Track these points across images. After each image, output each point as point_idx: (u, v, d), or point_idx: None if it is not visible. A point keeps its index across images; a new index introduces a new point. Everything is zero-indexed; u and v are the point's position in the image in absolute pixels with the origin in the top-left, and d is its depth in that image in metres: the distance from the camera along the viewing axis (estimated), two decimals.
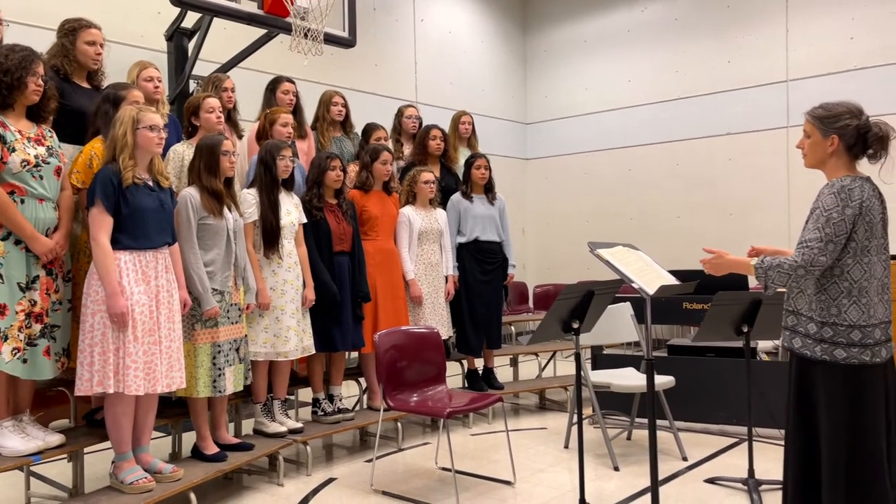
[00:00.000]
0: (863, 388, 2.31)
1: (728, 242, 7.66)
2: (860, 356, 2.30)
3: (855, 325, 2.31)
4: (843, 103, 2.42)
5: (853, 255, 2.33)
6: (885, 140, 2.37)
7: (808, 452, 2.41)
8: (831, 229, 2.30)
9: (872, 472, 2.30)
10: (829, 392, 2.34)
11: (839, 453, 2.31)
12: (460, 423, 4.97)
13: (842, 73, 7.11)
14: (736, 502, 3.37)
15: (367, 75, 7.55)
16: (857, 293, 2.32)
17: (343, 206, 4.32)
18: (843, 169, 2.41)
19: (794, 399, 2.44)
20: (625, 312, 4.54)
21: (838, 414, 2.32)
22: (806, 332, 2.38)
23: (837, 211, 2.30)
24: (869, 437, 2.31)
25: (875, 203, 2.35)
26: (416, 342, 3.88)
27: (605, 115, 8.87)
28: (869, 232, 2.33)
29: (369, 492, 3.62)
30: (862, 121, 2.38)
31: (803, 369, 2.40)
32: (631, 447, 4.37)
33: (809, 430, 2.40)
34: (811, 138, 2.45)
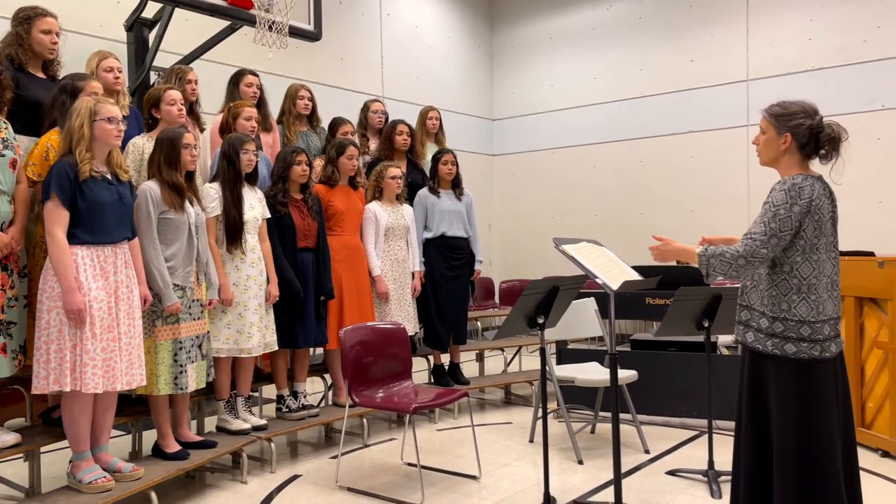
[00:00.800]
0: (813, 382, 2.36)
1: (689, 238, 7.78)
2: (810, 351, 2.35)
3: (804, 321, 2.36)
4: (800, 103, 2.47)
5: (802, 253, 2.37)
6: (837, 141, 2.41)
7: (759, 444, 2.45)
8: (776, 224, 2.35)
9: (824, 465, 2.34)
10: (779, 385, 2.38)
11: (790, 446, 2.35)
12: (426, 419, 4.97)
13: (800, 74, 7.28)
14: (696, 493, 3.43)
15: (333, 69, 7.49)
16: (807, 290, 2.37)
17: (308, 201, 4.28)
18: (795, 167, 2.46)
19: (747, 392, 2.48)
20: (589, 308, 4.59)
21: (789, 407, 2.36)
22: (758, 327, 2.42)
23: (785, 207, 2.35)
24: (819, 431, 2.35)
25: (825, 202, 2.40)
26: (381, 338, 3.87)
27: (570, 112, 8.94)
28: (818, 230, 2.37)
29: (334, 488, 3.60)
30: (815, 121, 2.43)
31: (755, 363, 2.45)
32: (595, 441, 4.42)
33: (761, 422, 2.45)
34: (766, 135, 2.50)
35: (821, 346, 2.35)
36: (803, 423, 2.35)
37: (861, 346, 4.11)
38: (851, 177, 6.66)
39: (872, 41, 6.92)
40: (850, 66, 7.03)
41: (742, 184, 7.59)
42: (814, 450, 2.35)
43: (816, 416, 2.36)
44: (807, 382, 2.36)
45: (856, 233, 6.19)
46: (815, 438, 2.35)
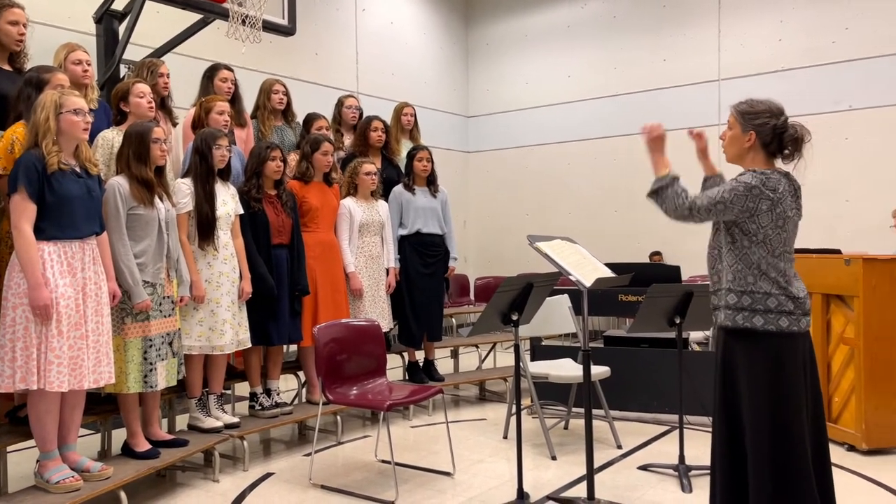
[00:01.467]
0: (781, 355, 2.38)
1: (661, 236, 7.90)
2: (777, 322, 2.38)
3: (770, 293, 2.40)
4: (767, 102, 2.52)
5: (755, 239, 2.41)
6: (800, 142, 2.46)
7: (732, 432, 2.48)
8: (730, 195, 2.41)
9: (793, 440, 2.37)
10: (749, 359, 2.41)
11: (762, 422, 2.38)
12: (400, 416, 4.96)
13: (771, 74, 7.39)
14: (667, 488, 3.48)
15: (307, 64, 7.44)
16: (766, 267, 2.41)
17: (282, 197, 4.24)
18: (760, 165, 2.50)
19: (720, 375, 2.51)
20: (563, 304, 4.62)
21: (759, 381, 2.39)
22: (727, 304, 2.46)
23: (745, 186, 2.40)
24: (788, 404, 2.38)
25: (788, 199, 2.44)
26: (355, 335, 3.86)
27: (545, 110, 8.98)
28: (776, 224, 2.41)
29: (308, 486, 3.59)
30: (780, 121, 2.47)
31: (726, 341, 2.49)
32: (568, 436, 4.45)
33: (734, 405, 2.48)
34: (732, 131, 2.55)
35: (788, 318, 2.38)
36: (772, 399, 2.38)
37: (828, 343, 4.20)
38: (819, 176, 6.80)
39: (841, 43, 7.04)
40: (819, 67, 7.15)
41: None
42: (783, 425, 2.37)
43: (785, 391, 2.38)
44: (775, 355, 2.38)
45: (823, 232, 6.32)
46: (783, 414, 2.37)
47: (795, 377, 2.40)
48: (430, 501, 3.34)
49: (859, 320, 3.90)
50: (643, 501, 3.29)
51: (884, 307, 3.88)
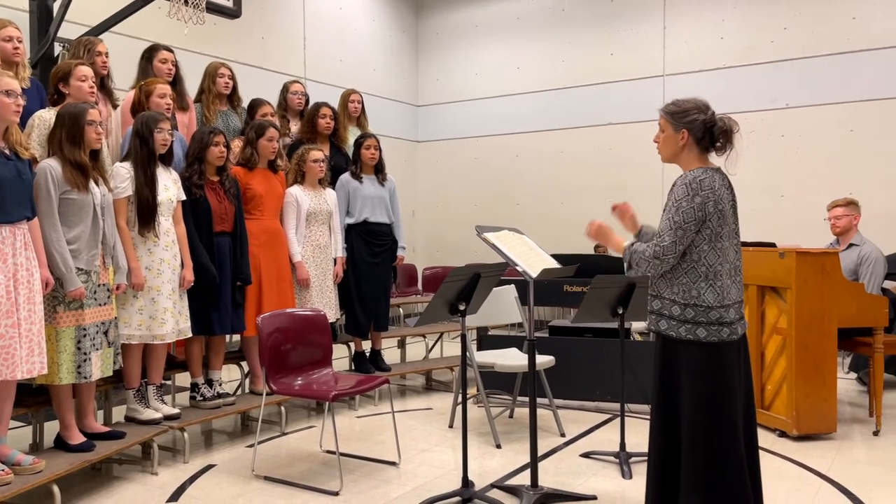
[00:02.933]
0: (721, 364, 2.50)
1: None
2: (719, 333, 2.48)
3: (712, 307, 2.49)
4: (692, 100, 2.59)
5: (708, 242, 2.50)
6: (730, 133, 2.55)
7: (669, 426, 2.58)
8: (680, 217, 2.48)
9: (729, 443, 2.49)
10: (690, 368, 2.51)
11: (699, 424, 2.49)
12: (346, 406, 4.94)
13: (712, 71, 7.58)
14: (608, 475, 3.55)
15: (253, 48, 7.27)
16: (713, 277, 2.49)
17: (226, 183, 4.15)
18: (695, 161, 2.58)
19: (659, 377, 2.60)
20: (509, 295, 4.66)
21: (699, 388, 2.49)
22: (670, 315, 2.53)
23: (687, 200, 2.47)
24: (726, 410, 2.49)
25: (725, 192, 2.53)
26: (300, 325, 3.81)
27: (494, 101, 9.01)
28: (721, 219, 2.50)
29: (250, 477, 3.53)
30: (708, 116, 2.56)
31: (668, 349, 2.57)
32: (513, 425, 4.50)
33: (672, 405, 2.57)
34: (665, 132, 2.62)
35: (729, 328, 2.49)
36: (711, 403, 2.49)
37: (762, 332, 4.35)
38: (755, 172, 7.04)
39: (779, 42, 7.27)
40: (758, 66, 7.37)
41: (657, 175, 7.85)
42: (720, 428, 2.48)
43: (724, 396, 2.49)
44: (716, 364, 2.49)
45: (759, 225, 6.54)
46: (722, 417, 2.49)
47: (732, 377, 2.51)
48: (375, 491, 3.34)
49: (791, 311, 4.05)
50: (585, 488, 3.35)
51: (814, 299, 4.04)
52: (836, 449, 3.94)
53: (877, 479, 3.47)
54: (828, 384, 4.08)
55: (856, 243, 4.93)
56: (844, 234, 5.02)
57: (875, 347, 4.30)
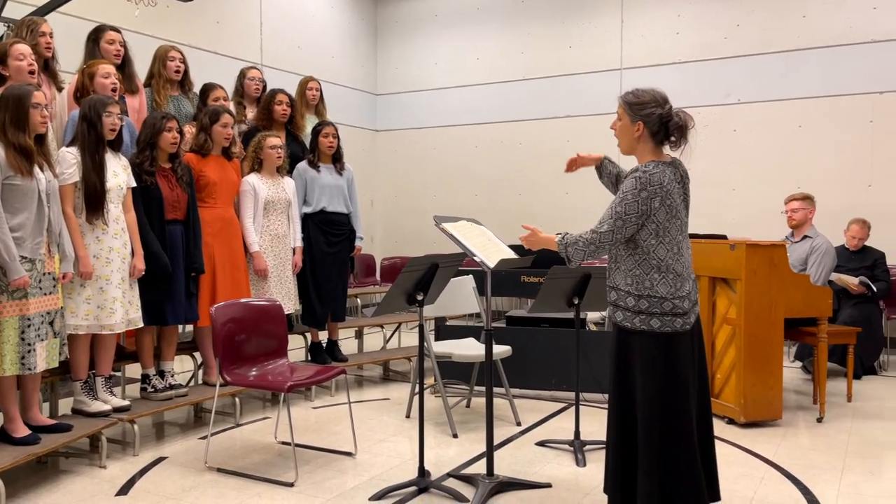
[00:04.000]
0: (675, 353, 2.55)
1: (565, 219, 8.10)
2: (673, 324, 2.53)
3: (666, 298, 2.53)
4: (651, 92, 2.60)
5: (656, 236, 2.53)
6: (685, 129, 2.57)
7: (626, 413, 2.63)
8: (622, 208, 2.51)
9: (682, 428, 2.55)
10: (645, 358, 2.55)
11: (654, 412, 2.54)
12: (302, 397, 4.89)
13: (668, 66, 7.70)
14: (563, 462, 3.60)
15: (208, 32, 7.10)
16: (665, 269, 2.54)
17: (178, 170, 4.05)
18: (650, 154, 2.61)
19: (615, 366, 2.64)
20: (467, 285, 4.67)
21: (654, 377, 2.55)
22: (626, 306, 2.57)
23: (633, 193, 2.50)
24: (679, 397, 2.55)
25: (676, 186, 2.56)
26: (255, 315, 3.75)
27: (453, 91, 8.99)
28: (669, 214, 2.53)
29: (203, 469, 3.47)
30: (665, 110, 2.57)
31: (623, 339, 2.61)
32: (470, 414, 4.52)
33: (627, 394, 2.62)
34: (622, 121, 2.65)
35: (682, 319, 2.54)
36: (666, 392, 2.54)
37: (713, 323, 4.45)
38: (708, 166, 7.17)
39: (732, 38, 7.42)
40: (712, 61, 7.51)
41: None
42: (674, 415, 2.54)
43: (677, 384, 2.55)
44: (670, 354, 2.54)
45: (711, 218, 6.67)
46: (676, 405, 2.54)
47: (686, 366, 2.57)
48: (331, 482, 3.32)
49: (741, 302, 4.15)
50: (540, 475, 3.39)
51: (763, 290, 4.15)
52: (782, 435, 4.06)
53: (820, 464, 3.59)
54: (774, 373, 4.20)
55: (810, 236, 5.10)
56: (800, 226, 5.20)
57: (819, 337, 4.44)
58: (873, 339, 5.69)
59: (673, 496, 2.57)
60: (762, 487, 3.27)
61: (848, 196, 6.78)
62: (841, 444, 3.90)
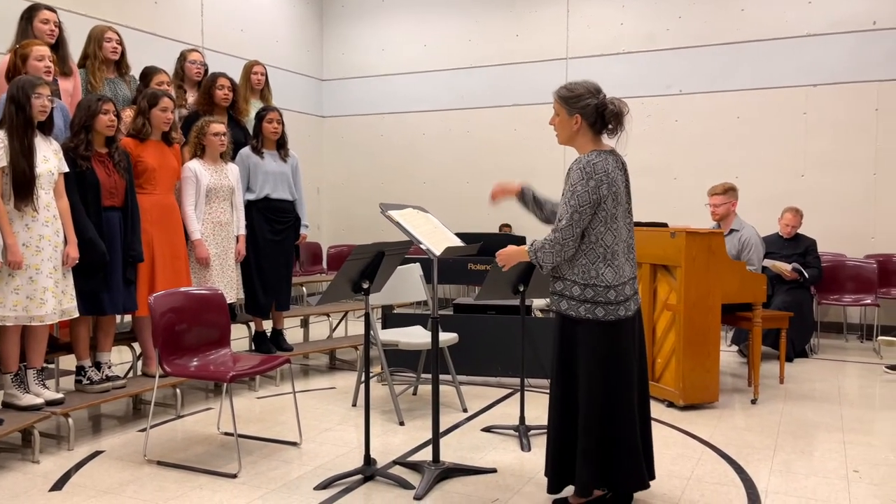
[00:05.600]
0: (618, 340, 2.63)
1: (511, 208, 8.17)
2: (616, 312, 2.60)
3: (610, 286, 2.60)
4: (584, 83, 2.67)
5: (604, 223, 2.60)
6: (620, 116, 2.65)
7: (568, 399, 2.68)
8: (576, 201, 2.56)
9: (623, 413, 2.63)
10: (589, 346, 2.61)
11: (596, 398, 2.61)
12: (246, 387, 4.82)
13: (613, 56, 7.81)
14: (508, 448, 3.64)
15: (146, 13, 6.87)
16: (611, 257, 2.60)
17: (115, 156, 3.91)
18: (589, 144, 2.67)
19: (558, 354, 2.69)
20: (414, 273, 4.66)
21: (596, 364, 2.61)
22: (571, 295, 2.62)
23: (582, 184, 2.56)
24: (621, 383, 2.63)
25: (618, 174, 2.64)
26: (196, 304, 3.66)
27: (401, 78, 8.94)
28: (615, 200, 2.61)
29: (142, 462, 3.39)
30: (599, 99, 2.64)
31: (567, 327, 2.66)
32: (416, 402, 4.53)
33: (570, 380, 2.68)
34: (559, 116, 2.71)
35: (624, 306, 2.61)
36: (609, 378, 2.61)
37: (654, 309, 4.56)
38: (650, 155, 7.33)
39: (675, 30, 7.57)
40: (655, 52, 7.65)
41: (559, 156, 8.03)
42: (616, 402, 2.62)
43: (621, 371, 2.63)
44: (614, 342, 2.61)
45: (653, 206, 6.81)
46: (617, 391, 2.62)
47: (629, 353, 2.65)
48: (275, 472, 3.28)
49: (681, 288, 4.26)
50: (485, 461, 3.42)
51: (701, 276, 4.27)
52: (718, 417, 4.20)
53: (753, 444, 3.73)
54: (712, 356, 4.33)
55: (736, 228, 5.23)
56: (724, 219, 5.31)
57: (754, 322, 4.60)
58: (805, 324, 5.93)
59: (615, 479, 2.64)
60: (699, 467, 3.37)
61: (782, 185, 7.03)
62: (773, 425, 4.05)
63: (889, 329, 6.66)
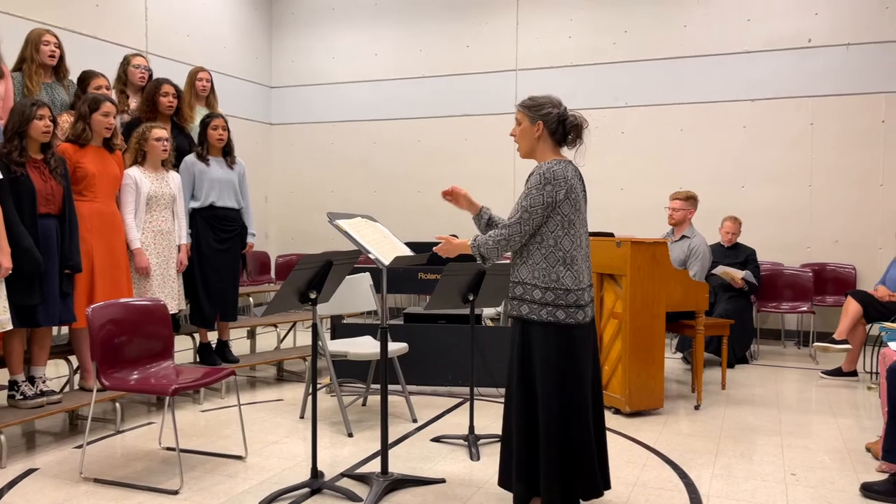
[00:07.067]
0: (575, 345, 2.68)
1: (461, 217, 8.21)
2: (575, 315, 2.66)
3: (570, 289, 2.66)
4: (546, 96, 2.80)
5: (562, 228, 2.67)
6: (580, 128, 2.78)
7: (528, 405, 2.72)
8: (527, 202, 2.66)
9: (581, 417, 2.67)
10: (548, 349, 2.66)
11: (555, 401, 2.65)
12: (190, 400, 4.70)
13: (560, 68, 7.93)
14: (457, 457, 3.64)
15: (87, 15, 6.68)
16: (570, 261, 2.67)
17: (51, 162, 3.78)
18: (549, 153, 2.78)
19: (518, 360, 2.73)
20: (364, 282, 4.63)
21: (555, 367, 2.65)
22: (532, 299, 2.68)
23: (538, 188, 2.65)
24: (578, 387, 2.67)
25: (577, 182, 2.74)
26: (137, 315, 3.56)
27: (352, 86, 8.90)
28: (573, 207, 2.69)
29: (78, 480, 3.26)
30: (561, 110, 2.77)
31: (527, 332, 2.71)
32: (366, 413, 4.49)
33: (530, 385, 2.71)
34: (521, 125, 2.80)
35: (583, 311, 2.68)
36: (567, 382, 2.65)
37: (601, 317, 4.63)
38: (597, 166, 7.44)
39: (620, 44, 7.74)
40: (601, 66, 7.81)
41: (509, 166, 8.12)
42: (574, 405, 2.66)
43: (577, 375, 2.67)
44: (571, 345, 2.66)
45: (600, 216, 6.95)
46: (575, 395, 2.66)
47: (583, 358, 2.69)
48: (219, 487, 3.20)
49: (626, 296, 4.34)
50: (434, 471, 3.41)
51: (646, 285, 4.36)
52: (663, 423, 4.28)
53: (697, 448, 3.81)
54: (657, 363, 4.42)
55: (687, 235, 5.38)
56: (679, 225, 5.47)
57: (697, 329, 4.72)
58: (745, 331, 6.12)
59: (572, 482, 2.67)
60: (644, 473, 3.43)
61: (723, 196, 7.23)
62: (716, 430, 4.15)
63: (824, 335, 6.91)
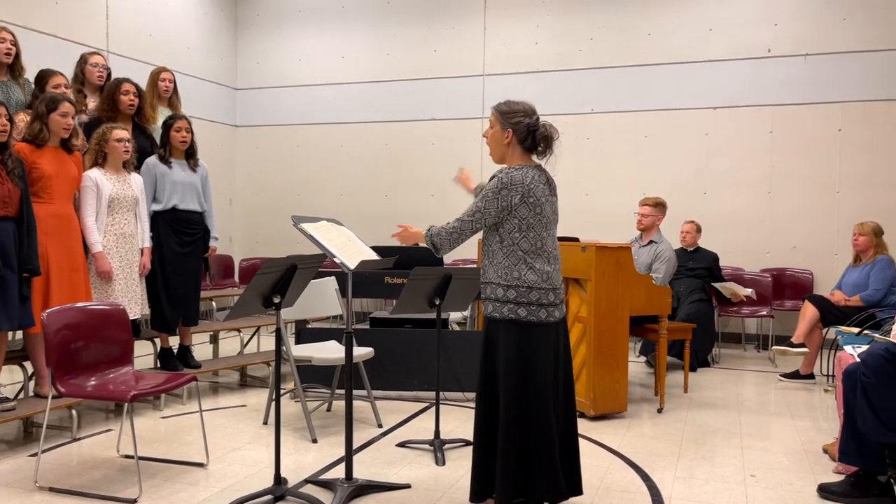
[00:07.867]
0: (536, 344, 2.68)
1: (428, 221, 8.20)
2: (537, 314, 2.68)
3: (533, 287, 2.67)
4: (522, 103, 2.81)
5: (520, 230, 2.70)
6: (550, 139, 2.80)
7: (492, 409, 2.72)
8: (482, 203, 2.71)
9: (540, 420, 2.67)
10: (509, 347, 2.67)
11: (514, 401, 2.66)
12: (150, 406, 4.60)
13: (528, 74, 7.99)
14: (423, 462, 3.62)
15: (45, 12, 6.52)
16: (531, 260, 2.69)
17: (8, 163, 3.68)
18: (518, 159, 2.80)
19: (483, 360, 2.75)
20: (329, 286, 4.60)
21: (515, 366, 2.67)
22: (495, 297, 2.70)
23: (493, 191, 2.70)
24: (538, 389, 2.68)
25: (541, 187, 2.74)
26: (95, 320, 3.47)
27: (318, 89, 8.84)
28: (533, 210, 2.70)
29: (32, 490, 3.17)
30: (532, 120, 2.78)
31: (492, 330, 2.73)
32: (330, 418, 4.45)
33: (494, 388, 2.72)
34: (493, 129, 2.83)
35: (546, 310, 2.69)
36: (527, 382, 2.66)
37: (566, 321, 4.66)
38: (564, 171, 7.46)
39: (587, 51, 7.83)
40: (568, 72, 7.89)
41: (475, 170, 8.13)
42: (533, 407, 2.66)
43: (538, 376, 2.67)
44: (532, 343, 2.67)
45: (565, 221, 6.93)
46: (535, 396, 2.66)
47: (547, 358, 2.70)
48: (179, 495, 3.14)
49: (591, 301, 4.38)
50: (399, 477, 3.39)
51: (610, 289, 4.40)
52: (627, 426, 4.32)
53: (659, 451, 3.86)
54: (620, 367, 4.47)
55: (655, 241, 5.47)
56: (647, 230, 5.57)
57: (660, 333, 4.78)
58: (707, 335, 6.22)
59: (530, 484, 2.67)
60: (608, 476, 3.46)
61: (686, 202, 7.35)
62: (678, 433, 4.21)
63: (783, 338, 7.06)
